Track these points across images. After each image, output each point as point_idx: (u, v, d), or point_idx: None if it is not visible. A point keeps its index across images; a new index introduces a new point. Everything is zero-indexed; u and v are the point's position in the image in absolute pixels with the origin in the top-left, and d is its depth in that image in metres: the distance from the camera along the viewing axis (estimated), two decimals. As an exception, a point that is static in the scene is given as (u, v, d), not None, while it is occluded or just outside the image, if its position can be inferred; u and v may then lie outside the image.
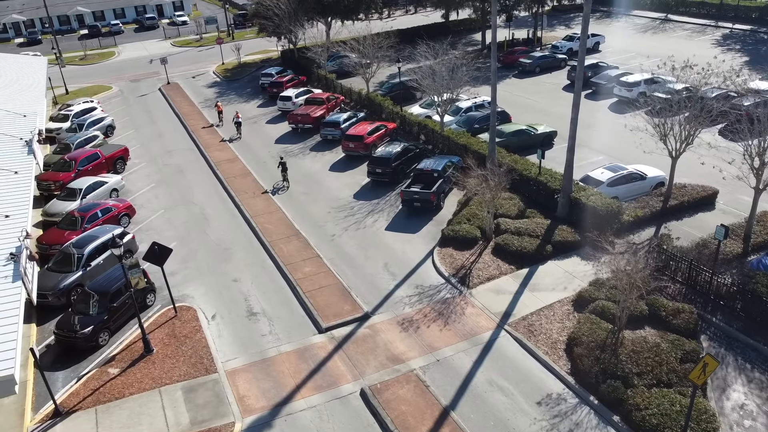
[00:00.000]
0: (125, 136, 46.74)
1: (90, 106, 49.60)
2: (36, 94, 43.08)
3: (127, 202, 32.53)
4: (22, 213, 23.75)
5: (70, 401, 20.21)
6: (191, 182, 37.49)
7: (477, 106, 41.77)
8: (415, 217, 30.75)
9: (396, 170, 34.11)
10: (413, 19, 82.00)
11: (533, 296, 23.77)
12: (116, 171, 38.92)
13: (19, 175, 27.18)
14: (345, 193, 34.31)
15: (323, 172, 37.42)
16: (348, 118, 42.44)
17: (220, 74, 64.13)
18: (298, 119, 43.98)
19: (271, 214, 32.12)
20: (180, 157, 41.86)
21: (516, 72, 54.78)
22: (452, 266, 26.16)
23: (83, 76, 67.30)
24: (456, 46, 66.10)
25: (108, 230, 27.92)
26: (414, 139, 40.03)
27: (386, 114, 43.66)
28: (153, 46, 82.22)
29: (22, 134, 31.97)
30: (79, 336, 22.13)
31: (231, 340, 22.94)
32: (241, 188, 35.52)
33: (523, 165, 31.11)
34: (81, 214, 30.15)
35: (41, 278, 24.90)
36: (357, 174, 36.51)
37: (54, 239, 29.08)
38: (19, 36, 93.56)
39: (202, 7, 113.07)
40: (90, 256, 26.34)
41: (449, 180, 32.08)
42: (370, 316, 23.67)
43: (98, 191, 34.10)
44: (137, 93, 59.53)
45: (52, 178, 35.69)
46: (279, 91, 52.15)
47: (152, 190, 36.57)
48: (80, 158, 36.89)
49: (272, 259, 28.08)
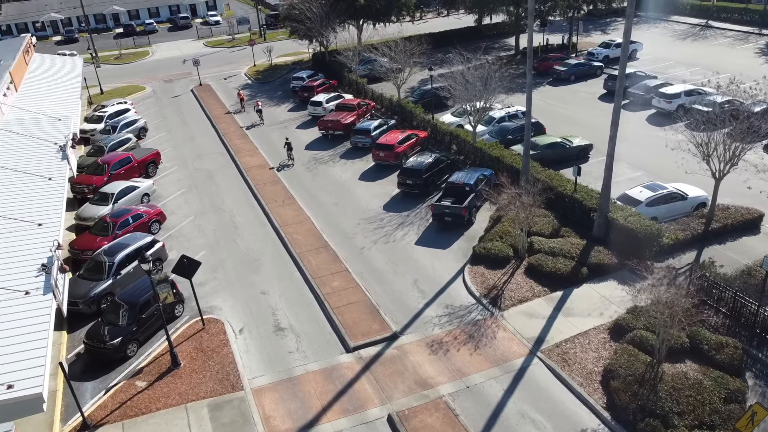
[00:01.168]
0: (158, 138, 47.06)
1: (124, 108, 50.06)
2: (71, 96, 43.56)
3: (158, 209, 32.62)
4: (54, 222, 23.87)
5: (97, 414, 20.21)
6: (222, 188, 37.49)
7: (510, 116, 41.00)
8: (446, 231, 30.21)
9: (427, 182, 33.61)
10: (445, 22, 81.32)
11: (567, 321, 23.07)
12: (148, 175, 39.14)
13: (53, 182, 27.38)
14: (375, 203, 33.92)
15: (353, 181, 37.08)
16: (379, 125, 42.05)
17: (252, 76, 64.30)
18: (328, 125, 43.73)
19: (301, 224, 31.89)
20: (211, 161, 41.95)
21: (550, 79, 53.76)
22: (483, 286, 25.59)
23: (118, 76, 68.11)
24: (489, 50, 65.36)
25: (139, 238, 27.99)
26: (445, 149, 39.47)
27: (417, 122, 43.15)
28: (186, 46, 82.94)
29: (56, 138, 32.26)
30: (108, 347, 22.16)
31: (258, 356, 22.73)
32: (271, 196, 35.38)
33: (558, 181, 30.33)
34: (113, 220, 30.30)
35: (72, 286, 25.02)
36: (387, 184, 36.10)
37: (86, 245, 29.27)
38: (57, 34, 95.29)
39: (235, 6, 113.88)
40: (120, 264, 26.42)
41: (481, 194, 31.47)
42: (398, 336, 23.25)
43: (130, 196, 34.28)
44: (170, 94, 60.00)
45: (85, 181, 36.01)
46: (310, 95, 52.00)
47: (183, 196, 36.66)
48: (113, 162, 37.16)
49: (301, 272, 27.84)
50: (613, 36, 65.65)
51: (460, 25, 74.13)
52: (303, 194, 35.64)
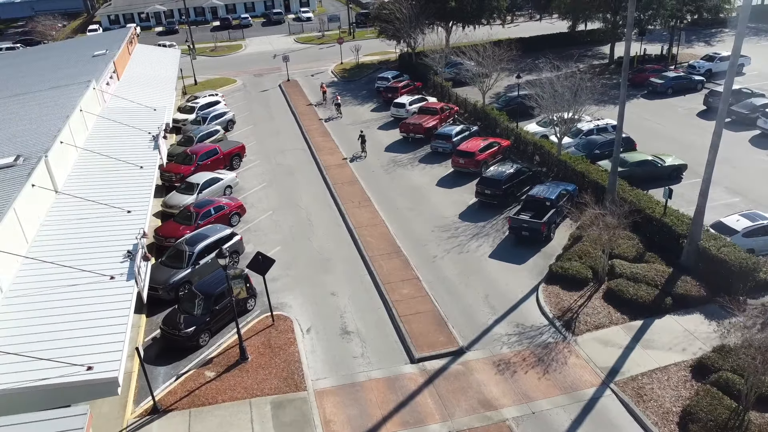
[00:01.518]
0: (244, 131, 48.51)
1: (214, 100, 51.99)
2: (167, 87, 45.61)
3: (238, 201, 33.56)
4: (142, 210, 24.95)
5: (167, 399, 20.97)
6: (300, 184, 38.13)
7: (599, 129, 39.33)
8: (522, 246, 29.33)
9: (506, 193, 32.78)
10: (537, 26, 79.20)
11: (646, 354, 21.80)
12: (232, 167, 40.39)
13: (144, 171, 28.66)
14: (450, 211, 33.43)
15: (430, 186, 36.73)
16: (461, 131, 41.43)
17: (338, 74, 65.12)
18: (409, 128, 43.56)
19: (375, 227, 31.89)
20: (292, 157, 42.76)
21: (645, 92, 51.21)
22: (558, 307, 24.62)
23: (212, 68, 70.85)
24: (581, 58, 63.12)
25: (218, 230, 28.86)
26: (528, 159, 38.37)
27: (500, 129, 42.19)
28: (277, 41, 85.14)
29: (150, 128, 33.77)
30: (182, 335, 22.96)
31: (323, 357, 22.87)
32: (347, 197, 35.61)
33: (646, 202, 28.75)
34: (196, 210, 31.43)
35: (154, 272, 26.09)
36: (465, 192, 35.50)
37: (170, 232, 30.52)
38: (159, 25, 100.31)
39: (327, 3, 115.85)
40: (200, 254, 27.32)
41: (562, 210, 30.35)
42: (464, 352, 22.75)
43: (214, 187, 35.48)
44: (259, 88, 61.75)
45: (174, 170, 37.59)
46: (393, 96, 52.04)
47: (263, 190, 37.56)
48: (200, 153, 38.58)
49: (371, 276, 27.81)
50: (717, 48, 61.77)
51: (553, 30, 72.04)
52: (379, 197, 35.66)
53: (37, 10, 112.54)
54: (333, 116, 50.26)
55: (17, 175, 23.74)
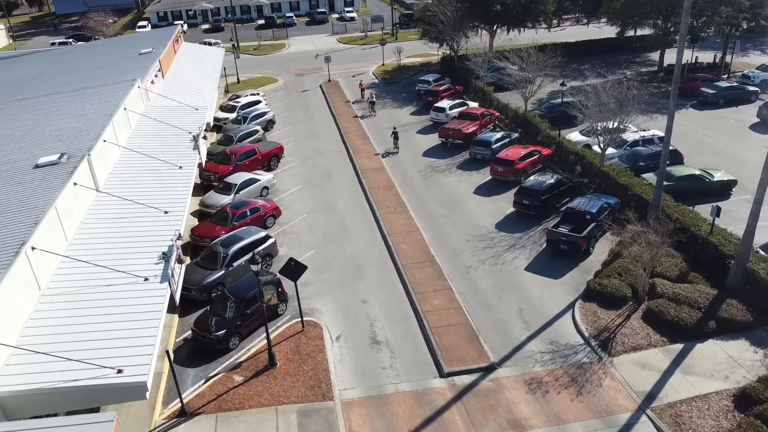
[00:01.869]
0: (283, 132, 48.79)
1: (255, 99, 52.44)
2: (210, 86, 46.17)
3: (274, 203, 33.69)
4: (179, 211, 25.16)
5: (195, 402, 21.11)
6: (336, 188, 38.07)
7: (645, 140, 38.09)
8: (559, 260, 28.58)
9: (545, 204, 32.02)
10: (583, 31, 77.54)
11: (685, 380, 20.91)
12: (270, 167, 40.62)
13: (183, 171, 28.97)
14: (487, 220, 32.85)
15: (467, 194, 36.17)
16: (501, 138, 40.72)
17: (379, 75, 64.96)
18: (448, 133, 43.04)
19: (409, 234, 31.55)
20: (329, 159, 42.75)
21: (695, 102, 49.45)
22: (594, 326, 23.85)
23: (255, 66, 71.58)
24: (628, 65, 61.47)
25: (253, 232, 28.98)
26: (569, 169, 37.44)
27: (542, 137, 41.31)
28: (320, 41, 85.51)
29: (191, 128, 34.16)
30: (213, 337, 23.09)
31: (351, 367, 22.69)
32: (383, 202, 35.36)
33: (691, 219, 27.65)
34: (232, 211, 31.66)
35: (188, 272, 26.34)
36: (502, 201, 34.85)
37: (206, 232, 30.82)
38: (206, 22, 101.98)
39: (371, 3, 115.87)
40: (234, 256, 27.47)
41: (603, 224, 29.46)
42: (495, 368, 22.25)
43: (251, 188, 35.72)
44: (300, 88, 62.07)
45: (212, 169, 38.00)
46: (434, 100, 51.58)
47: (299, 192, 37.63)
48: (239, 153, 38.91)
49: (403, 284, 27.51)
50: (774, 57, 59.27)
51: (600, 35, 70.35)
52: (415, 203, 35.30)
53: (90, 6, 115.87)
54: (367, 114, 51.42)
55: (61, 173, 24.25)
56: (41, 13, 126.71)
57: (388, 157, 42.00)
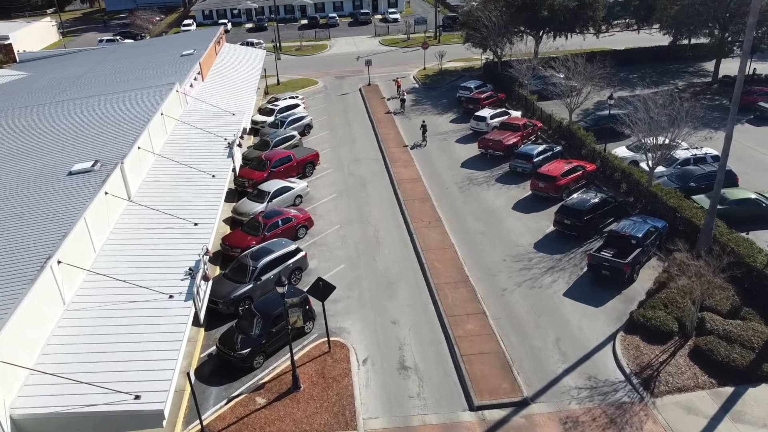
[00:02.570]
0: (320, 137, 48.28)
1: (294, 103, 52.07)
2: (249, 89, 46.00)
3: (306, 214, 33.11)
4: (209, 223, 24.77)
5: (216, 424, 20.61)
6: (371, 198, 37.29)
7: (696, 158, 36.11)
8: (601, 286, 27.15)
9: (588, 225, 30.56)
10: (632, 37, 74.75)
11: (735, 428, 19.40)
12: (305, 174, 40.13)
13: (215, 180, 28.63)
14: (525, 239, 31.58)
15: (505, 209, 34.92)
16: (543, 151, 39.26)
17: (420, 80, 63.94)
18: (488, 144, 41.76)
19: (443, 251, 30.54)
20: (366, 167, 42.01)
21: (751, 117, 46.88)
22: (636, 362, 22.45)
23: (295, 67, 71.45)
24: (680, 75, 59.02)
25: (283, 245, 28.41)
26: (614, 187, 35.79)
27: (586, 151, 39.69)
28: (362, 43, 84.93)
29: (227, 134, 33.90)
30: (237, 356, 22.57)
31: (377, 393, 21.86)
32: (418, 215, 34.42)
33: (746, 249, 25.87)
34: (264, 220, 31.20)
35: (216, 285, 25.99)
36: (542, 219, 33.50)
37: (237, 242, 30.43)
38: (249, 21, 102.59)
39: (415, 4, 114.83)
40: (263, 269, 26.94)
41: (649, 249, 27.91)
42: (529, 403, 21.11)
43: (284, 196, 35.25)
44: (339, 91, 61.53)
45: (247, 175, 37.69)
46: (475, 108, 50.33)
47: (333, 201, 36.99)
48: (274, 159, 38.50)
49: (435, 305, 26.54)
50: (840, 70, 55.92)
51: (650, 42, 67.73)
52: (451, 217, 34.26)
53: (139, 3, 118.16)
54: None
55: (93, 181, 24.13)
56: (92, 9, 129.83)
57: (426, 166, 41.00)
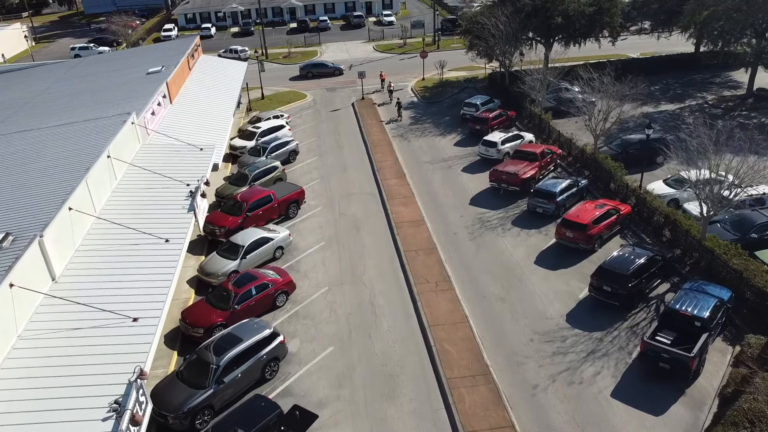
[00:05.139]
0: (307, 164, 42.40)
1: (278, 124, 46.15)
2: (223, 115, 40.03)
3: (287, 276, 27.22)
4: (152, 317, 18.88)
5: None
6: (366, 247, 31.44)
7: (755, 200, 30.24)
8: (657, 383, 21.36)
9: (633, 293, 24.81)
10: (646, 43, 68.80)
11: None
12: (288, 216, 34.26)
13: (169, 247, 22.71)
14: (555, 308, 25.79)
15: (527, 264, 29.12)
16: (566, 187, 33.37)
17: (419, 92, 58.02)
18: (502, 178, 35.84)
19: (455, 328, 24.70)
20: (359, 204, 36.13)
21: (798, 138, 41.15)
22: None
23: (283, 78, 65.52)
24: (706, 86, 53.35)
25: (254, 330, 22.48)
26: (653, 233, 30.04)
27: (616, 185, 33.89)
28: (355, 49, 78.95)
29: (191, 176, 28.00)
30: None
31: None
32: (422, 273, 28.58)
33: None
34: (234, 289, 25.31)
35: (166, 391, 20.27)
36: (572, 277, 27.73)
37: (198, 318, 24.47)
38: (236, 25, 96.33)
39: (411, 5, 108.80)
40: (227, 367, 20.98)
41: (716, 331, 22.18)
42: None
43: (261, 250, 29.43)
44: (330, 106, 55.58)
45: (218, 221, 31.76)
46: (482, 129, 44.50)
47: (321, 252, 31.12)
48: (251, 201, 32.55)
49: (448, 413, 20.72)
50: None
51: (670, 47, 61.98)
52: (462, 274, 28.46)
53: (119, 6, 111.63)
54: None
55: (-3, 265, 18.23)
56: (70, 12, 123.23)
57: (429, 203, 35.17)
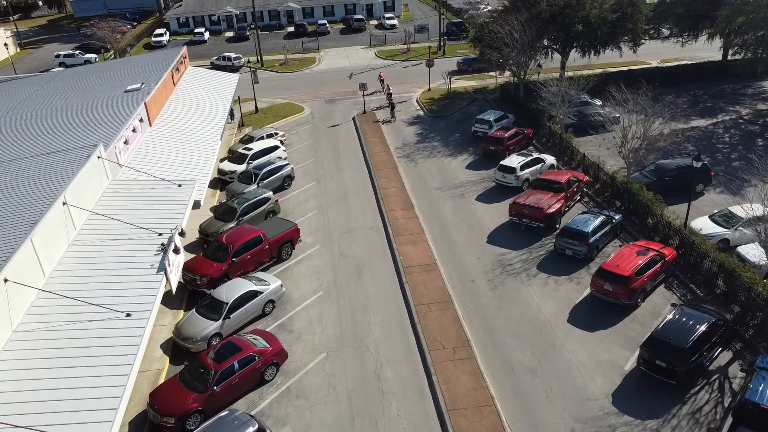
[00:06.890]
0: (303, 191, 38.13)
1: (272, 144, 41.89)
2: (210, 139, 35.65)
3: (278, 345, 22.93)
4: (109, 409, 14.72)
5: None
6: (371, 298, 27.22)
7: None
8: (737, 496, 17.18)
9: (693, 369, 20.55)
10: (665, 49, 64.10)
11: None
12: (280, 258, 30.03)
13: (131, 322, 18.48)
14: (597, 385, 21.52)
15: (559, 322, 24.86)
16: (600, 225, 29.08)
17: (425, 105, 53.68)
18: (523, 212, 31.54)
19: (480, 413, 20.46)
20: (362, 242, 31.88)
21: None
22: None
23: (278, 88, 61.24)
24: (737, 98, 49.02)
25: (236, 425, 18.31)
26: (704, 282, 25.80)
27: (654, 222, 29.65)
28: (356, 55, 74.58)
29: (163, 224, 23.72)
30: None
31: None
32: (437, 335, 24.32)
33: None
34: (214, 365, 21.08)
35: None
36: (615, 341, 23.45)
37: (172, 405, 20.22)
38: (230, 29, 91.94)
39: (414, 7, 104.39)
40: (200, 480, 16.89)
41: (804, 427, 17.94)
42: None
43: (248, 306, 25.25)
44: (329, 121, 51.26)
45: (199, 270, 27.52)
46: (496, 150, 40.19)
47: (318, 304, 26.91)
48: (238, 244, 28.29)
49: None
50: None
51: (691, 53, 57.57)
52: (484, 337, 24.22)
53: (110, 8, 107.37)
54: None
55: None
56: (60, 16, 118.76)
57: (442, 242, 30.91)
